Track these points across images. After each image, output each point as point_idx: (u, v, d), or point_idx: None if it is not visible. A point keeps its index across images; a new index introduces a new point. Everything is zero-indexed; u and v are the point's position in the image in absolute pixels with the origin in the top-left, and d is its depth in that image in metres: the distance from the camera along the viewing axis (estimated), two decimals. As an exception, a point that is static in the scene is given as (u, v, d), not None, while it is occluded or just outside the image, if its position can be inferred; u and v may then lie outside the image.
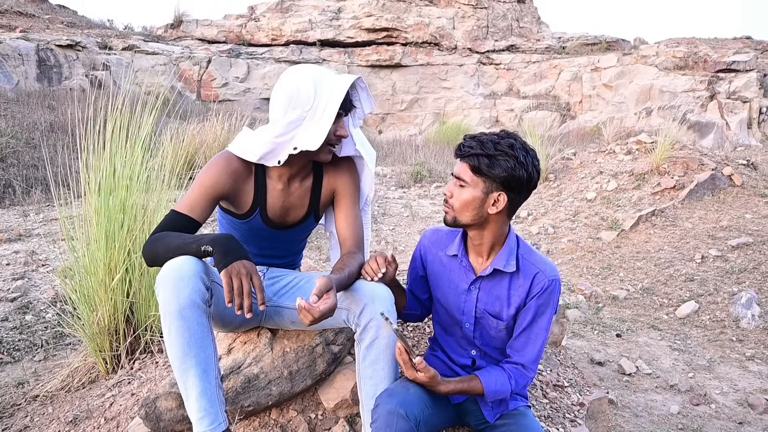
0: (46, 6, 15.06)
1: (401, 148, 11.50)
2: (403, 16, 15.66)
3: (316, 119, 1.59)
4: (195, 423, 1.47)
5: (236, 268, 1.40)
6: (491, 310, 1.62)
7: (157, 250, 1.51)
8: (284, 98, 1.60)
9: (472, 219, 1.54)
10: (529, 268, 1.58)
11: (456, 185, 1.54)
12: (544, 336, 1.60)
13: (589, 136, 12.35)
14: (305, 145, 1.60)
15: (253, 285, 1.41)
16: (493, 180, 1.48)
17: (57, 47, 11.67)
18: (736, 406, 3.19)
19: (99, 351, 2.39)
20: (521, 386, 1.61)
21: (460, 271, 1.66)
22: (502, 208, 1.51)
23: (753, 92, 13.07)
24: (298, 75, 1.61)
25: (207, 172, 1.65)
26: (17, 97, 9.12)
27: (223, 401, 1.54)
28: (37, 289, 3.61)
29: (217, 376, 1.52)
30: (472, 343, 1.69)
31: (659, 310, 4.61)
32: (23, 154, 6.75)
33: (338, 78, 1.61)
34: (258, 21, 15.64)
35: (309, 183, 1.80)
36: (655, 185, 6.73)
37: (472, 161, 1.49)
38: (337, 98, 1.57)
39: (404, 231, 6.48)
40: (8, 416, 2.28)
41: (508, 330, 1.63)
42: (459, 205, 1.53)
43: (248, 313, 1.40)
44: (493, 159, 1.46)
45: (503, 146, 1.47)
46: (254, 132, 1.70)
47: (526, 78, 15.64)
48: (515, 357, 1.61)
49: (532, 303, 1.57)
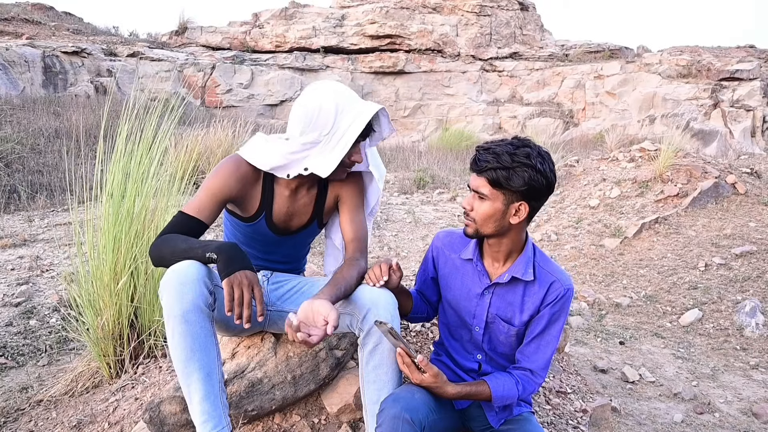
0: (52, 13, 15.19)
1: (404, 155, 11.53)
2: (407, 23, 15.74)
3: (332, 145, 1.59)
4: (198, 426, 1.48)
5: (239, 278, 1.41)
6: (503, 315, 1.62)
7: (163, 251, 1.53)
8: (304, 117, 1.59)
9: (494, 230, 1.53)
10: (545, 277, 1.58)
11: (475, 198, 1.52)
12: (555, 344, 1.60)
13: (592, 144, 12.35)
14: (316, 169, 1.61)
15: (253, 296, 1.42)
16: (513, 192, 1.46)
17: (63, 54, 11.77)
18: (740, 415, 3.17)
19: (103, 356, 2.40)
20: (529, 392, 1.61)
21: (474, 276, 1.65)
22: (524, 218, 1.51)
23: (756, 101, 13.07)
24: (322, 95, 1.59)
25: (216, 175, 1.65)
26: (23, 103, 9.19)
27: (227, 405, 1.54)
28: (41, 294, 3.62)
29: (221, 379, 1.53)
30: (480, 347, 1.68)
31: (662, 318, 4.59)
32: (28, 160, 6.80)
33: (362, 107, 1.60)
34: (262, 28, 15.73)
35: (315, 191, 1.81)
36: (658, 193, 6.73)
37: (489, 175, 1.45)
38: (356, 129, 1.57)
39: (407, 237, 6.48)
40: (12, 421, 2.29)
41: (518, 336, 1.63)
42: (480, 218, 1.51)
43: (247, 323, 1.42)
44: (511, 171, 1.43)
45: (520, 157, 1.43)
46: (267, 140, 1.69)
47: (529, 85, 15.68)
48: (524, 363, 1.61)
49: (546, 311, 1.57)
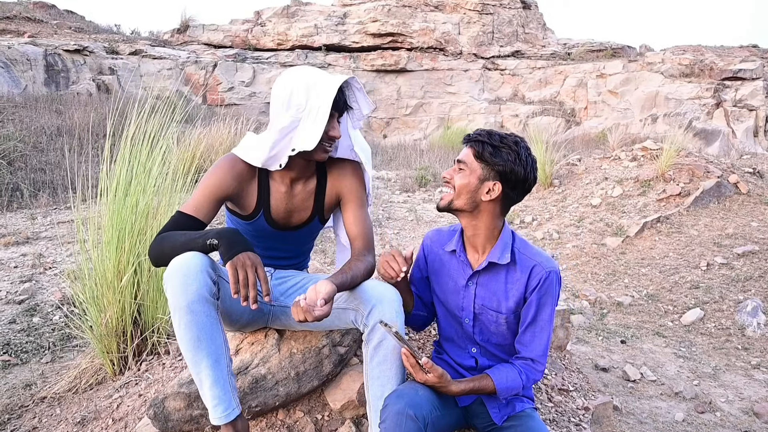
0: (54, 11, 15.19)
1: (406, 153, 11.53)
2: (409, 22, 15.71)
3: (312, 118, 1.62)
4: (210, 410, 1.53)
5: (241, 260, 1.42)
6: (489, 304, 1.64)
7: (163, 248, 1.54)
8: (279, 103, 1.64)
9: (466, 203, 1.59)
10: (525, 261, 1.61)
11: (455, 169, 1.61)
12: (549, 328, 1.62)
13: (594, 142, 12.33)
14: (302, 145, 1.63)
15: (258, 276, 1.43)
16: (491, 168, 1.56)
17: (64, 52, 11.76)
18: (741, 414, 3.18)
19: (106, 352, 2.41)
20: (532, 381, 1.63)
21: (458, 267, 1.69)
22: (495, 198, 1.57)
23: (759, 100, 13.04)
24: (291, 79, 1.65)
25: (212, 174, 1.69)
26: (25, 101, 9.20)
27: (236, 387, 1.59)
28: (44, 291, 3.63)
29: (229, 364, 1.56)
30: (473, 339, 1.70)
31: (664, 317, 4.59)
32: (31, 158, 6.81)
33: (330, 78, 1.64)
34: (264, 26, 15.72)
35: (312, 185, 1.82)
36: (660, 192, 6.72)
37: (477, 147, 1.58)
38: (328, 97, 1.60)
39: (408, 235, 6.48)
40: (16, 417, 2.30)
41: (508, 324, 1.65)
42: (457, 189, 1.59)
43: (253, 304, 1.42)
44: (497, 149, 1.55)
45: (509, 141, 1.57)
46: (258, 137, 1.73)
47: (531, 84, 15.65)
48: (524, 352, 1.63)
49: (533, 297, 1.59)
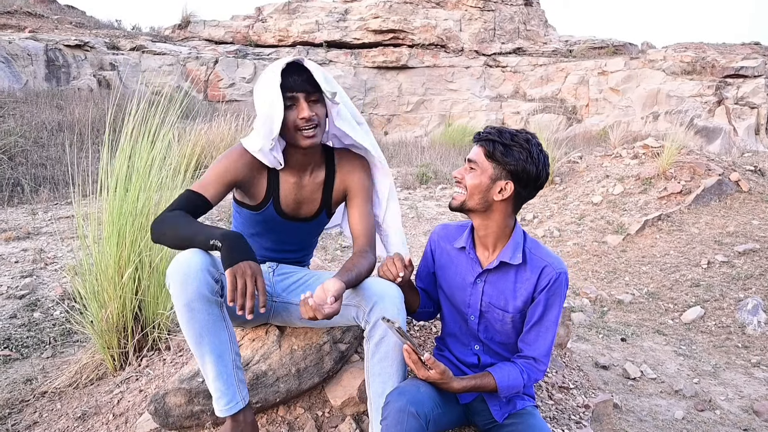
0: (55, 6, 15.17)
1: (407, 150, 11.51)
2: (410, 18, 15.68)
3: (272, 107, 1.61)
4: (214, 402, 1.59)
5: (242, 268, 1.42)
6: (497, 303, 1.63)
7: (164, 229, 1.55)
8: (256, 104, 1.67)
9: (478, 203, 1.57)
10: (536, 262, 1.59)
11: (467, 169, 1.59)
12: (554, 329, 1.61)
13: (595, 140, 12.31)
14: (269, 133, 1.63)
15: (256, 287, 1.43)
16: (503, 167, 1.53)
17: (65, 47, 11.75)
18: (741, 412, 3.18)
19: (107, 348, 2.40)
20: (533, 380, 1.63)
21: (467, 264, 1.68)
22: (507, 197, 1.55)
23: (761, 98, 13.02)
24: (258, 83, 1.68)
25: (224, 159, 1.71)
26: (26, 96, 9.19)
27: (243, 381, 1.62)
28: (45, 286, 3.63)
29: (236, 359, 1.59)
30: (476, 337, 1.70)
31: (664, 315, 4.59)
32: (31, 153, 6.81)
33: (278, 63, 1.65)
34: (265, 22, 15.69)
35: (321, 177, 1.82)
36: (661, 190, 6.71)
37: (487, 146, 1.54)
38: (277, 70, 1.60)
39: (410, 232, 6.48)
40: (17, 412, 2.30)
41: (513, 323, 1.64)
42: (469, 189, 1.57)
43: (249, 314, 1.43)
44: (508, 148, 1.52)
45: (520, 139, 1.53)
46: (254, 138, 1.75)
47: (533, 81, 15.62)
48: (527, 351, 1.62)
49: (541, 296, 1.58)
